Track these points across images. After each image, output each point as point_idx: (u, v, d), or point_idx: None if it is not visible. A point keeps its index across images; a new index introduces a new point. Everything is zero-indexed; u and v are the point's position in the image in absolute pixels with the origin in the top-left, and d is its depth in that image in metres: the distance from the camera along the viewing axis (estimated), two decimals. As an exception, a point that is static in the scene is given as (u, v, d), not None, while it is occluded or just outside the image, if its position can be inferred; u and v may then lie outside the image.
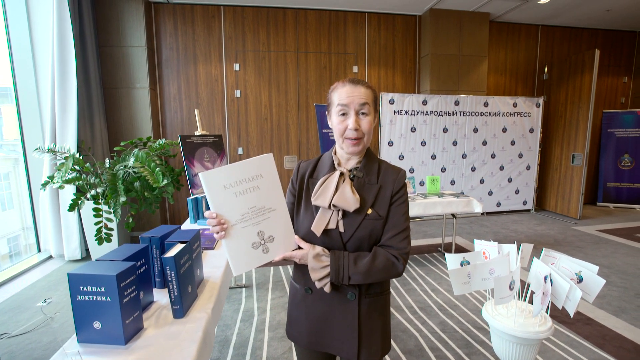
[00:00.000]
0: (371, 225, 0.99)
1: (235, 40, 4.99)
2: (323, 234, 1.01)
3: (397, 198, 1.02)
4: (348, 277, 0.94)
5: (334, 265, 0.94)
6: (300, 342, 1.11)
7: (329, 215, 1.00)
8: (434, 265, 3.61)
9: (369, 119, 0.99)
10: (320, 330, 1.06)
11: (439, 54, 5.30)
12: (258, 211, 0.92)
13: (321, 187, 1.02)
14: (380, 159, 1.09)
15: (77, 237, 3.67)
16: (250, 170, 0.90)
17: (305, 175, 1.10)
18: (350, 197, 0.97)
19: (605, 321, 2.47)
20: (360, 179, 1.03)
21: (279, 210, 0.96)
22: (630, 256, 3.78)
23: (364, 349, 1.04)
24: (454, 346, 2.21)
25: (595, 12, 5.39)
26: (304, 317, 1.09)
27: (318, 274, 0.96)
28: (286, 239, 0.97)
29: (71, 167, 3.15)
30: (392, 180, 1.02)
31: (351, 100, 0.97)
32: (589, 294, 1.56)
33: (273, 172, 0.95)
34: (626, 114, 6.13)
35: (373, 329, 1.04)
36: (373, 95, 1.02)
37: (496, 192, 5.73)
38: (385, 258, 0.96)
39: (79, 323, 1.05)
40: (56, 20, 3.48)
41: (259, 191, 0.92)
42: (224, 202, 0.88)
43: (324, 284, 0.97)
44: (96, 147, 4.10)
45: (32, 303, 2.76)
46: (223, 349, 2.19)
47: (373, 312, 1.05)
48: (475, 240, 1.98)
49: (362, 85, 1.00)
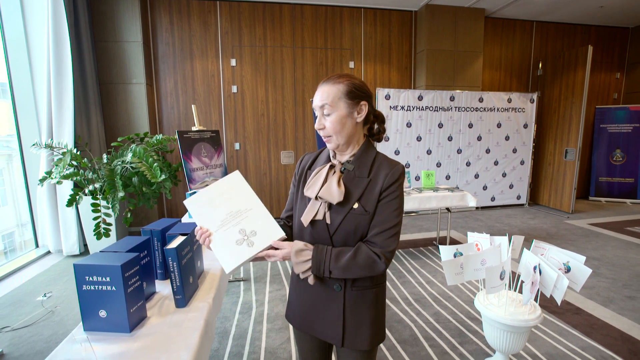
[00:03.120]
0: (356, 219, 0.99)
1: (231, 35, 4.99)
2: (311, 225, 1.04)
3: (387, 194, 0.99)
4: (329, 271, 0.97)
5: (315, 258, 0.97)
6: (294, 323, 1.17)
7: (317, 206, 1.03)
8: (429, 258, 3.67)
9: (331, 118, 1.00)
10: (310, 314, 1.11)
11: (434, 50, 5.33)
12: (235, 214, 1.03)
13: (313, 178, 1.05)
14: (378, 153, 1.08)
15: (75, 233, 3.69)
16: (222, 187, 1.06)
17: (306, 167, 1.15)
18: (334, 190, 0.99)
19: (594, 311, 2.55)
20: (350, 172, 1.03)
21: (255, 209, 1.04)
22: (619, 249, 3.88)
23: (349, 337, 1.06)
24: (447, 336, 2.27)
25: (588, 8, 5.44)
26: (298, 300, 1.15)
27: (301, 267, 0.99)
28: (269, 230, 1.02)
29: (69, 163, 3.16)
30: (384, 175, 1.00)
31: (315, 104, 1.02)
32: (576, 283, 1.62)
33: (242, 183, 1.07)
34: (618, 110, 6.22)
35: (360, 320, 1.06)
36: (343, 88, 0.99)
37: (491, 187, 5.80)
38: (366, 256, 0.96)
39: (85, 312, 1.08)
40: (51, 15, 3.47)
41: (233, 199, 1.04)
42: (205, 215, 1.02)
43: (307, 276, 1.00)
44: (93, 143, 4.10)
45: (32, 297, 2.78)
46: (222, 340, 2.24)
47: (360, 304, 1.05)
48: (468, 233, 2.04)
49: (328, 84, 1.01)
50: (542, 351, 2.09)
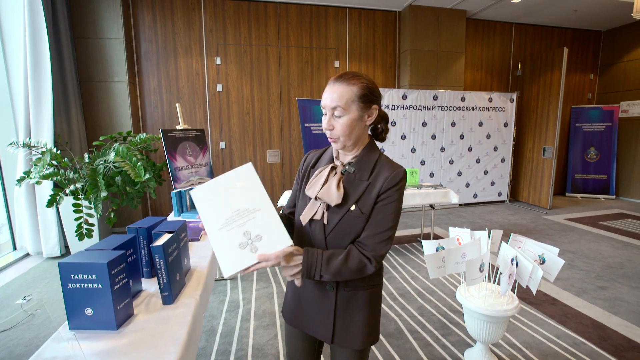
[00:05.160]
0: (352, 221, 1.00)
1: (216, 33, 4.95)
2: (309, 224, 1.05)
3: (385, 197, 0.99)
4: (320, 275, 0.96)
5: (307, 262, 0.95)
6: (285, 317, 1.19)
7: (317, 206, 1.04)
8: (413, 254, 3.76)
9: (342, 121, 0.97)
10: (302, 311, 1.13)
11: (418, 50, 5.43)
12: (242, 213, 0.94)
13: (314, 179, 1.06)
14: (381, 155, 1.06)
15: (56, 234, 3.59)
16: (232, 179, 0.97)
17: (310, 165, 1.15)
18: (334, 192, 0.99)
19: (568, 301, 2.68)
20: (350, 175, 1.03)
21: (264, 210, 0.96)
22: (593, 242, 4.06)
23: (339, 335, 1.07)
24: (431, 328, 2.34)
25: (563, 12, 5.66)
26: (292, 296, 1.17)
27: (290, 271, 0.96)
28: (277, 236, 0.95)
29: (48, 162, 3.08)
30: (384, 178, 0.99)
31: (325, 103, 0.99)
32: (550, 273, 1.71)
33: (254, 177, 0.98)
34: (592, 110, 6.48)
35: (352, 320, 1.06)
36: (357, 91, 0.96)
37: (473, 184, 5.96)
38: (357, 260, 0.96)
39: (70, 310, 1.08)
40: (27, 10, 3.36)
41: (242, 195, 0.96)
42: (210, 210, 0.94)
43: (296, 278, 0.98)
44: (74, 142, 4.00)
45: (11, 301, 2.71)
46: (210, 338, 2.24)
47: (352, 305, 1.06)
48: (450, 228, 2.11)
49: (342, 83, 0.97)
50: (520, 340, 2.18)
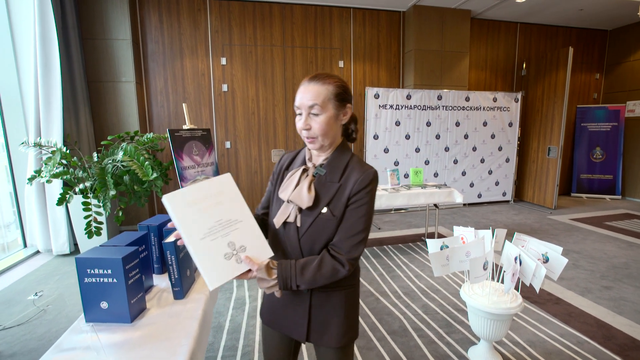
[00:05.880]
0: (324, 223, 1.00)
1: (221, 34, 5.00)
2: (282, 227, 1.05)
3: (355, 200, 0.99)
4: (296, 285, 0.96)
5: (281, 276, 0.95)
6: (262, 318, 1.19)
7: (289, 209, 1.03)
8: (418, 253, 3.77)
9: (319, 119, 0.97)
10: (278, 312, 1.13)
11: (422, 50, 5.44)
12: (225, 223, 0.91)
13: (287, 181, 1.06)
14: (353, 156, 1.06)
15: (65, 232, 3.66)
16: (211, 188, 0.92)
17: (283, 167, 1.15)
18: (305, 195, 0.99)
19: (572, 300, 2.68)
20: (321, 177, 1.03)
21: (245, 222, 0.94)
22: (598, 242, 4.05)
23: (314, 334, 1.07)
24: (435, 326, 2.36)
25: (569, 11, 5.63)
26: (268, 297, 1.16)
27: (266, 284, 0.95)
28: (259, 248, 0.95)
29: (58, 162, 3.14)
30: (354, 180, 0.99)
31: (301, 103, 0.98)
32: (554, 272, 1.72)
33: (234, 189, 0.96)
34: (598, 109, 6.45)
35: (328, 319, 1.06)
36: (333, 90, 0.98)
37: (477, 184, 5.96)
38: (330, 266, 0.97)
39: (86, 304, 1.12)
40: (38, 11, 3.42)
41: (223, 205, 0.92)
42: (190, 218, 0.87)
43: (275, 291, 0.97)
44: (82, 141, 4.07)
45: (23, 297, 2.77)
46: (217, 334, 2.28)
47: (327, 305, 1.06)
48: (454, 227, 2.13)
49: (317, 83, 0.97)
50: (524, 338, 2.20)
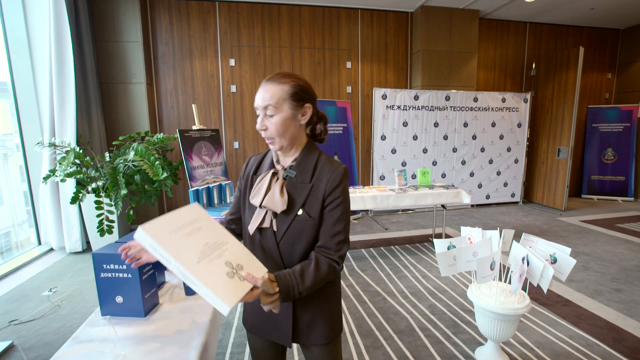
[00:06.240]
0: (301, 226, 0.99)
1: (230, 35, 5.06)
2: (258, 233, 1.02)
3: (331, 200, 0.98)
4: (299, 293, 0.92)
5: (283, 286, 0.90)
6: (246, 326, 1.16)
7: (263, 214, 1.01)
8: (425, 254, 3.77)
9: (274, 120, 0.96)
10: (261, 317, 1.09)
11: (430, 50, 5.43)
12: (213, 245, 0.88)
13: (257, 186, 1.03)
14: (321, 154, 1.04)
15: (78, 230, 3.74)
16: (182, 217, 0.89)
17: (251, 172, 1.10)
18: (278, 199, 0.98)
19: (582, 302, 2.66)
20: (292, 179, 1.01)
21: (231, 243, 0.92)
22: (609, 244, 4.00)
23: (301, 335, 1.06)
24: (442, 326, 2.36)
25: (580, 10, 5.56)
26: (251, 304, 1.12)
27: (269, 298, 0.88)
28: (254, 265, 0.92)
29: (72, 161, 3.22)
30: (326, 180, 0.98)
31: (257, 103, 0.98)
32: (562, 273, 1.72)
33: (206, 215, 0.94)
34: (610, 110, 6.35)
35: (313, 317, 1.06)
36: (289, 90, 0.96)
37: (485, 185, 5.92)
38: (327, 266, 0.96)
39: (102, 298, 1.16)
40: (52, 14, 3.52)
41: (203, 231, 0.89)
42: (178, 244, 0.82)
43: (273, 307, 0.89)
44: (94, 142, 4.16)
45: (38, 292, 2.84)
46: (226, 331, 2.32)
47: (310, 304, 1.05)
48: (461, 227, 2.13)
49: (272, 83, 0.96)
50: (532, 340, 2.19)
